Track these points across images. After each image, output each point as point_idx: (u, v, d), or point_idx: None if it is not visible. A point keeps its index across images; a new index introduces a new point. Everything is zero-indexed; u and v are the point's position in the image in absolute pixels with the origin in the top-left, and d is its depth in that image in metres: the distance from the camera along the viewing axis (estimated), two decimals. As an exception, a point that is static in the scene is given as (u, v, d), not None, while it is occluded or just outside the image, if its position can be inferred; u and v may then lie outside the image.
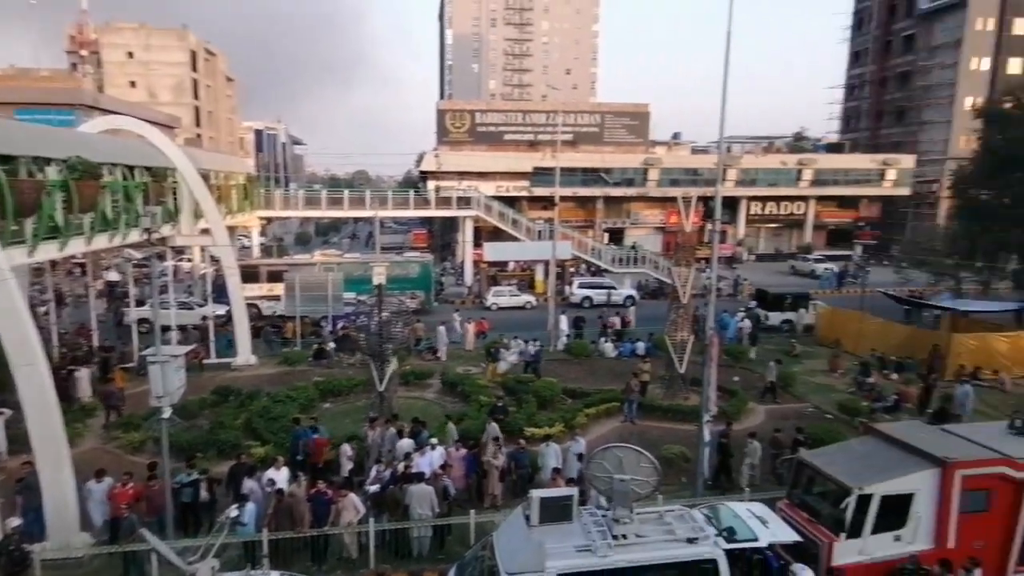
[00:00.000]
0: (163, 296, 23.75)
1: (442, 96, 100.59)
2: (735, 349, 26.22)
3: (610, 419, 19.43)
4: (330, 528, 11.95)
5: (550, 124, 53.50)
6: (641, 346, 25.93)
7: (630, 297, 37.30)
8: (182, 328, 25.14)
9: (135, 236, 18.72)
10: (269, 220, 54.69)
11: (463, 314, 30.74)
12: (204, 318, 27.11)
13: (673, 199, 24.14)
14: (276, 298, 29.83)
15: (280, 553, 11.75)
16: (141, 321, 24.81)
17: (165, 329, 18.79)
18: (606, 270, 40.65)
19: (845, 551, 10.53)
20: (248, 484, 12.73)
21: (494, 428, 15.85)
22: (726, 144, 64.61)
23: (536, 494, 9.71)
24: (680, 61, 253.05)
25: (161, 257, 28.16)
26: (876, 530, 10.58)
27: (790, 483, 12.52)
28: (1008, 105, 29.82)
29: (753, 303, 33.10)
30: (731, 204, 57.23)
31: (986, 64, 57.28)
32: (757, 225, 60.23)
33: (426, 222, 61.29)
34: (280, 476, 13.02)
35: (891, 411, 19.69)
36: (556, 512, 9.57)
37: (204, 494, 12.97)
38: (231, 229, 34.37)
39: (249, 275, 30.07)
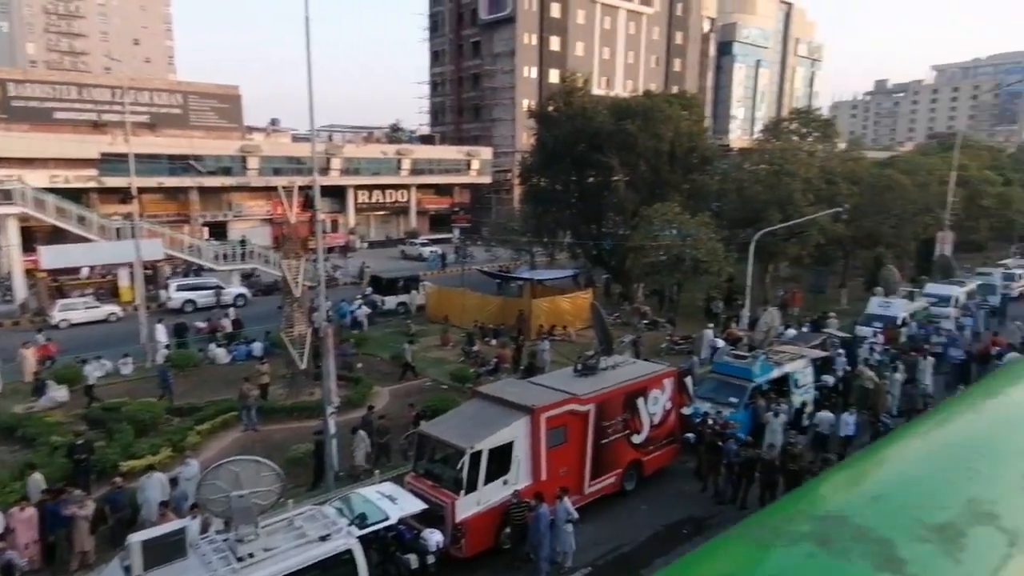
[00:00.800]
0: None
1: (-45, 59, 77.63)
2: (357, 336, 26.60)
3: (229, 431, 17.80)
4: None
5: (118, 102, 45.67)
6: (258, 346, 24.33)
7: (241, 295, 34.79)
8: None
9: None
10: None
11: (28, 337, 24.26)
12: None
13: (276, 189, 23.08)
14: None
15: None
16: None
17: None
18: (210, 268, 36.98)
19: (466, 506, 11.59)
20: None
21: (36, 479, 12.99)
22: (328, 133, 65.27)
23: (135, 538, 8.36)
24: (272, 44, 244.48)
25: None
26: (488, 480, 11.88)
27: (415, 456, 13.23)
28: (551, 108, 36.24)
29: (369, 289, 34.12)
30: (339, 193, 57.92)
31: (534, 72, 69.24)
32: (366, 213, 62.22)
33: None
34: None
35: (493, 372, 22.44)
36: (165, 552, 8.37)
37: None
38: None
39: None
